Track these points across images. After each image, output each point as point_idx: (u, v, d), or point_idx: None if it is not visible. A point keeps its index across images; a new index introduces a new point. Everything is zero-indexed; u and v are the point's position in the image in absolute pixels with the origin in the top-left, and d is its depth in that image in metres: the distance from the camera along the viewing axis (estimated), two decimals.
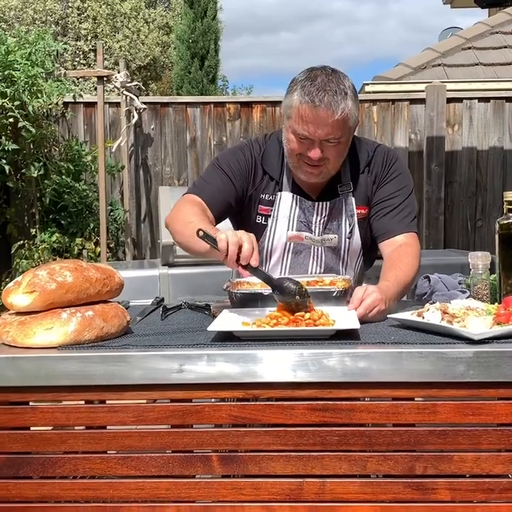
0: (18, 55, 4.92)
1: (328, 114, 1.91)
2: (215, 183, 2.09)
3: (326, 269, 2.12)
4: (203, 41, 10.87)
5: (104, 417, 1.52)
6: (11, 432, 1.53)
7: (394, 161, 2.13)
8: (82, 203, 5.47)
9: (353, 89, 1.98)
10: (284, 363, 1.47)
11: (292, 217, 2.10)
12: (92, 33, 14.15)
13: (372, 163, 2.12)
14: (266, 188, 2.12)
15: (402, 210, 2.08)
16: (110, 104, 5.86)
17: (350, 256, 2.13)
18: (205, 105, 5.95)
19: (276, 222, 2.11)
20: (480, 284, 1.85)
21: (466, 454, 1.48)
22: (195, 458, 1.52)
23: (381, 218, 2.08)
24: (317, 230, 2.10)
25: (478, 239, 5.98)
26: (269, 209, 2.12)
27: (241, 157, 2.12)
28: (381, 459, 1.49)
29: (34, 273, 1.59)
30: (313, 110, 1.91)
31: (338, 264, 2.13)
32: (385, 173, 2.11)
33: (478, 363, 1.44)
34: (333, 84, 1.92)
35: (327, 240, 2.10)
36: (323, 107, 1.90)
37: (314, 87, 1.91)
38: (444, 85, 6.01)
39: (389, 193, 2.09)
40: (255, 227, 2.11)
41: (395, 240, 2.05)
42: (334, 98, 1.90)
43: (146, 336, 1.65)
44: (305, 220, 2.10)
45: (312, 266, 2.12)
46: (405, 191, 2.11)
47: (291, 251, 2.12)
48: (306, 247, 2.11)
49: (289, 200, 2.11)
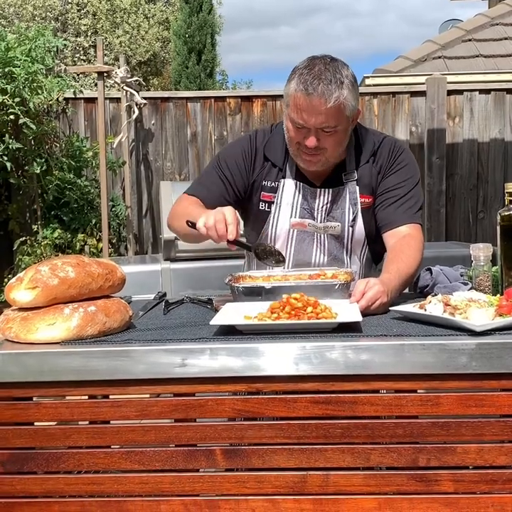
0: (18, 51, 4.91)
1: (321, 103, 1.91)
2: (211, 183, 2.14)
3: (329, 257, 2.12)
4: (199, 36, 10.85)
5: (107, 412, 1.53)
6: (15, 428, 1.53)
7: (400, 152, 2.13)
8: (83, 199, 5.47)
9: (352, 79, 1.98)
10: (287, 356, 1.47)
11: (295, 204, 2.11)
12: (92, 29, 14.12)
13: (378, 154, 2.12)
14: (268, 175, 2.13)
15: (407, 201, 2.08)
16: (111, 100, 5.85)
17: (354, 245, 2.13)
18: (206, 100, 5.94)
19: (280, 209, 2.12)
20: (482, 276, 1.85)
21: (469, 445, 1.48)
22: (199, 452, 1.52)
23: (385, 209, 2.08)
24: (319, 216, 2.10)
25: (479, 231, 5.97)
26: (271, 195, 2.13)
27: (238, 151, 2.15)
28: (384, 451, 1.49)
29: (36, 269, 1.59)
30: (306, 98, 1.92)
31: (342, 253, 2.13)
32: (390, 164, 2.11)
33: (480, 355, 1.44)
34: (329, 73, 1.93)
35: (330, 228, 2.10)
36: (316, 96, 1.91)
37: (310, 76, 1.93)
38: (444, 77, 5.99)
39: (394, 183, 2.09)
40: (259, 213, 2.15)
41: (398, 230, 2.05)
42: (328, 87, 1.91)
43: (149, 331, 1.65)
44: (308, 207, 2.11)
45: (316, 253, 2.12)
46: (411, 182, 2.11)
47: (294, 238, 2.12)
48: (310, 235, 2.12)
49: (292, 188, 2.12)
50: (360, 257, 2.16)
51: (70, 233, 5.38)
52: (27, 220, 5.58)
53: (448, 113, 5.89)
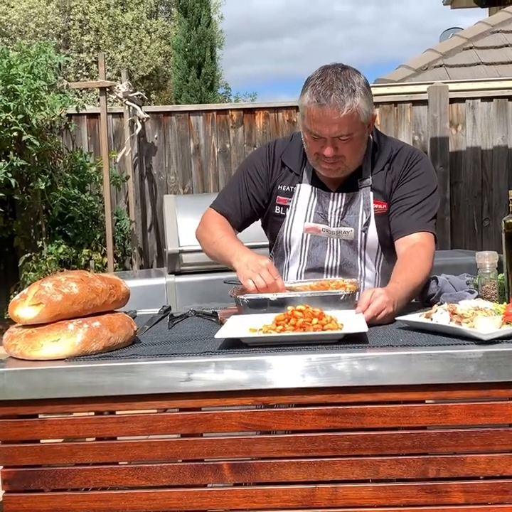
0: (21, 68, 4.95)
1: (334, 113, 1.94)
2: (234, 196, 2.20)
3: (342, 263, 2.11)
4: (198, 49, 10.91)
5: (113, 428, 1.52)
6: (20, 446, 1.53)
7: (417, 160, 2.13)
8: (88, 214, 5.49)
9: (364, 85, 2.00)
10: (293, 368, 1.46)
11: (310, 208, 2.13)
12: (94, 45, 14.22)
13: (394, 161, 2.12)
14: (284, 179, 2.17)
15: (420, 209, 2.07)
16: (113, 115, 5.88)
17: (368, 251, 2.12)
18: (208, 113, 5.96)
19: (295, 213, 2.14)
20: (488, 284, 1.84)
21: (479, 455, 1.47)
22: (206, 467, 1.51)
23: (398, 216, 2.08)
24: (333, 220, 2.11)
25: (485, 239, 5.96)
26: (286, 200, 2.16)
27: (258, 160, 2.21)
28: (393, 463, 1.47)
29: (40, 285, 1.59)
30: (319, 110, 1.95)
31: (356, 259, 2.12)
32: (405, 172, 2.11)
33: (488, 364, 1.43)
34: (341, 83, 1.96)
35: (343, 233, 2.10)
36: (328, 106, 1.94)
37: (322, 87, 1.96)
38: (446, 86, 6.00)
39: (408, 191, 2.09)
40: (274, 217, 2.18)
41: (409, 238, 2.04)
42: (341, 97, 1.94)
43: (154, 345, 1.64)
44: (321, 212, 2.12)
45: (329, 259, 2.11)
46: (426, 191, 2.10)
47: (308, 243, 2.13)
48: (323, 240, 2.12)
49: (308, 192, 2.14)
50: (376, 265, 2.14)
51: (74, 248, 5.39)
52: (32, 236, 5.60)
53: (450, 121, 5.89)
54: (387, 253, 2.14)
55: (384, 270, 2.15)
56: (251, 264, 1.92)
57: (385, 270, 2.15)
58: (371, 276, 2.14)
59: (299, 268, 2.14)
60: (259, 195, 2.18)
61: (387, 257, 2.14)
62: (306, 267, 2.14)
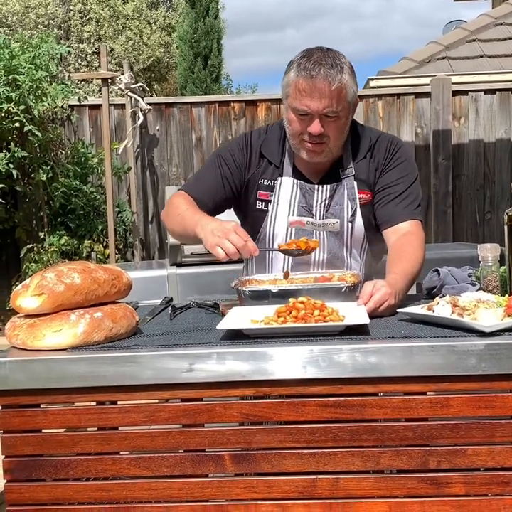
0: (22, 59, 4.93)
1: (325, 85, 1.92)
2: (207, 181, 2.14)
3: (329, 255, 2.10)
4: (205, 41, 10.88)
5: (115, 418, 1.52)
6: (22, 435, 1.53)
7: (398, 148, 2.12)
8: (89, 206, 5.49)
9: (350, 66, 2.00)
10: (295, 359, 1.46)
11: (293, 202, 2.10)
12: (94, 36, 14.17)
13: (375, 150, 2.11)
14: (264, 173, 2.12)
15: (406, 198, 2.07)
16: (115, 106, 5.87)
17: (354, 242, 2.11)
18: (210, 104, 5.95)
19: (277, 207, 2.10)
20: (490, 277, 1.84)
21: (480, 447, 1.47)
22: (208, 457, 1.51)
23: (385, 205, 2.07)
24: (318, 213, 2.09)
25: (487, 231, 5.95)
26: (268, 194, 2.12)
27: (235, 148, 2.15)
28: (394, 454, 1.48)
29: (42, 275, 1.59)
30: (310, 82, 1.93)
31: (342, 250, 2.11)
32: (388, 160, 2.10)
33: (489, 356, 1.43)
34: (329, 59, 1.96)
35: (329, 225, 2.08)
36: (319, 78, 1.92)
37: (310, 62, 1.94)
38: (449, 78, 5.98)
39: (392, 179, 2.08)
40: (256, 212, 2.13)
41: (398, 227, 2.03)
42: (330, 71, 1.93)
43: (156, 336, 1.65)
44: (306, 205, 2.10)
45: (315, 252, 2.09)
46: (409, 178, 2.10)
47: (293, 237, 2.09)
48: (308, 233, 2.09)
49: (290, 185, 2.10)
50: (361, 255, 2.14)
51: (76, 240, 5.39)
52: (33, 228, 5.60)
53: (453, 114, 5.88)
54: (371, 243, 2.14)
55: (368, 259, 2.16)
56: (216, 230, 1.82)
57: (368, 259, 2.16)
58: (356, 266, 2.13)
59: (284, 262, 2.11)
60: (233, 182, 2.12)
61: (371, 246, 2.15)
62: (292, 262, 2.10)
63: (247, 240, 1.79)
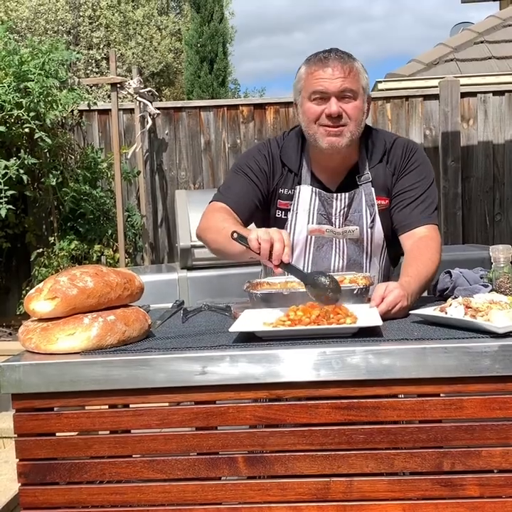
0: (32, 65, 4.95)
1: (338, 64, 1.99)
2: (238, 187, 2.12)
3: (349, 263, 2.10)
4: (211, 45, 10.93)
5: (128, 421, 1.53)
6: (36, 439, 1.54)
7: (414, 152, 2.11)
8: (99, 210, 5.50)
9: (361, 63, 2.06)
10: (307, 361, 1.46)
11: (312, 210, 2.10)
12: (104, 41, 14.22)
13: (391, 154, 2.11)
14: (285, 183, 2.13)
15: (423, 202, 2.06)
16: (124, 111, 5.89)
17: (374, 248, 2.11)
18: (219, 108, 5.96)
19: (296, 216, 2.11)
20: (502, 278, 1.83)
21: (494, 448, 1.47)
22: (221, 460, 1.51)
23: (401, 210, 2.07)
24: (337, 221, 2.09)
25: (497, 233, 5.93)
26: (288, 203, 2.12)
27: (259, 157, 2.14)
28: (408, 457, 1.47)
29: (55, 279, 1.60)
30: (322, 65, 2.00)
31: (362, 257, 2.11)
32: (404, 164, 2.10)
33: (503, 357, 1.43)
34: (339, 51, 2.04)
35: (349, 232, 2.08)
36: (332, 61, 2.00)
37: (320, 53, 2.03)
38: (457, 80, 5.97)
39: (409, 184, 2.08)
40: (276, 221, 2.13)
41: (415, 232, 2.03)
42: (341, 55, 2.02)
43: (168, 339, 1.65)
44: (325, 213, 2.09)
45: (335, 259, 2.10)
46: (425, 182, 2.09)
47: (312, 245, 2.11)
48: (328, 241, 2.10)
49: (308, 193, 2.11)
50: (380, 261, 2.14)
51: (86, 244, 5.41)
52: (43, 232, 5.62)
53: (462, 115, 5.86)
54: (390, 248, 2.14)
55: (387, 265, 2.16)
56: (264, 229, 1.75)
57: (387, 265, 2.16)
58: (375, 272, 2.13)
59: (303, 267, 2.11)
60: (261, 189, 2.11)
61: (390, 252, 2.15)
62: (312, 270, 2.09)
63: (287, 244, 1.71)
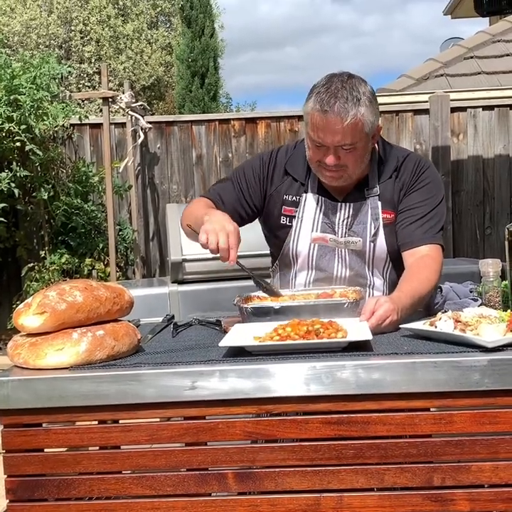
0: (23, 79, 4.96)
1: (337, 121, 1.92)
2: (227, 193, 2.16)
3: (351, 273, 2.10)
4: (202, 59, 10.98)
5: (117, 437, 1.52)
6: (25, 455, 1.52)
7: (425, 169, 2.11)
8: (90, 224, 5.49)
9: (369, 95, 1.98)
10: (297, 376, 1.46)
11: (317, 218, 2.11)
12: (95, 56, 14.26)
13: (401, 170, 2.11)
14: (289, 189, 2.15)
15: (429, 221, 2.05)
16: (116, 125, 5.89)
17: (376, 261, 2.10)
18: (210, 123, 5.97)
19: (301, 223, 2.12)
20: (492, 292, 1.84)
21: (484, 463, 1.46)
22: (211, 476, 1.50)
23: (406, 227, 2.06)
24: (340, 231, 2.10)
25: (487, 247, 5.95)
26: (293, 210, 2.13)
27: (257, 162, 2.19)
28: (398, 472, 1.47)
29: (44, 294, 1.59)
30: (323, 117, 1.94)
31: (364, 269, 2.11)
32: (413, 181, 2.09)
33: (493, 371, 1.43)
34: (346, 91, 1.94)
35: (351, 243, 2.09)
36: (332, 114, 1.92)
37: (327, 95, 1.93)
38: (447, 95, 6.01)
39: (416, 201, 2.07)
40: (280, 227, 2.16)
41: (418, 250, 2.02)
42: (345, 105, 1.92)
43: (158, 354, 1.64)
44: (329, 221, 2.10)
45: (338, 268, 2.10)
46: (434, 201, 2.08)
47: (315, 253, 2.11)
48: (331, 250, 2.10)
49: (314, 202, 2.12)
50: (383, 273, 2.13)
51: (77, 258, 5.39)
52: (34, 246, 5.60)
53: (452, 130, 5.90)
54: (394, 262, 2.13)
55: (392, 279, 2.14)
56: (218, 222, 1.86)
57: (392, 278, 2.14)
58: (380, 284, 2.13)
59: (306, 277, 2.13)
60: (250, 197, 2.15)
61: (395, 266, 2.13)
62: (314, 277, 2.13)
63: (232, 247, 1.81)
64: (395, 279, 2.08)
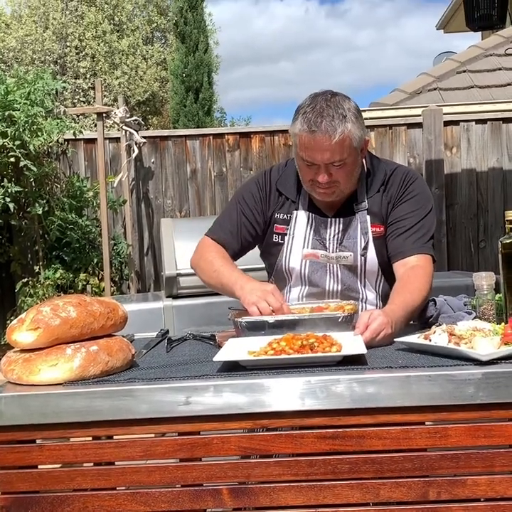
0: (18, 94, 4.97)
1: (325, 139, 1.95)
2: (231, 223, 2.19)
3: (344, 288, 2.12)
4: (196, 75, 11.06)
5: (111, 453, 1.51)
6: (18, 472, 1.51)
7: (412, 181, 2.13)
8: (85, 239, 5.48)
9: (354, 110, 2.01)
10: (292, 391, 1.46)
11: (307, 235, 2.13)
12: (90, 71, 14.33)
13: (389, 183, 2.13)
14: (281, 208, 2.17)
15: (417, 231, 2.07)
16: (110, 140, 5.90)
17: (368, 275, 2.12)
18: (204, 137, 5.99)
19: (292, 240, 2.14)
20: (485, 305, 1.84)
21: (480, 477, 1.46)
22: (205, 491, 1.49)
23: (395, 238, 2.08)
24: (331, 246, 2.11)
25: (481, 260, 5.97)
26: (284, 228, 2.16)
27: (255, 188, 2.20)
28: (394, 486, 1.46)
29: (38, 309, 1.59)
30: (311, 137, 1.96)
31: (356, 283, 2.12)
32: (401, 193, 2.11)
33: (487, 384, 1.43)
34: (331, 109, 1.97)
35: (342, 258, 2.10)
36: (319, 133, 1.95)
37: (313, 114, 1.96)
38: (440, 109, 6.04)
39: (404, 212, 2.09)
40: (272, 245, 2.18)
41: (407, 260, 2.04)
42: (332, 123, 1.95)
43: (152, 369, 1.64)
44: (319, 238, 2.12)
45: (329, 283, 2.12)
46: (422, 212, 2.10)
47: (307, 269, 2.13)
48: (322, 266, 2.12)
49: (305, 219, 2.14)
50: (376, 287, 2.15)
51: (71, 273, 5.38)
52: (29, 262, 5.59)
53: (445, 144, 5.93)
54: (387, 275, 2.14)
55: (384, 291, 2.15)
56: (255, 290, 1.91)
57: (385, 291, 2.15)
58: (372, 298, 2.14)
59: (300, 292, 2.15)
60: (256, 223, 2.18)
61: (387, 278, 2.14)
62: (307, 292, 2.14)
63: (282, 302, 1.88)
64: (388, 291, 2.09)
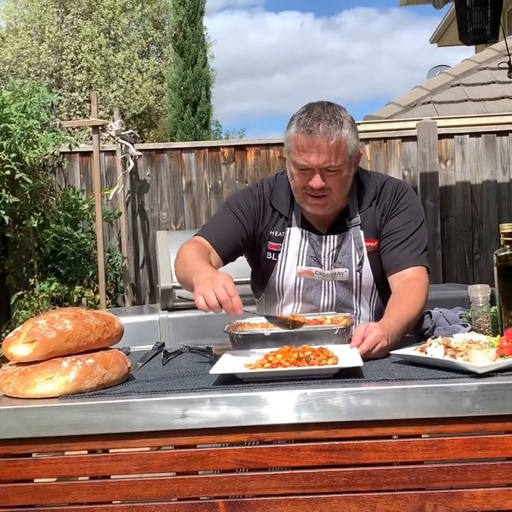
0: (14, 107, 4.98)
1: (323, 141, 1.94)
2: (224, 225, 2.14)
3: (338, 304, 2.11)
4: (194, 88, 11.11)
5: (107, 467, 1.50)
6: (14, 485, 1.50)
7: (403, 193, 2.13)
8: (80, 251, 5.48)
9: (351, 120, 2.01)
10: (288, 403, 1.46)
11: (302, 252, 2.11)
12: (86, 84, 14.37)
13: (381, 196, 2.12)
14: (275, 225, 2.15)
15: (411, 243, 2.07)
16: (106, 153, 5.91)
17: (363, 290, 2.11)
18: (200, 150, 6.01)
19: (286, 257, 2.12)
20: (481, 317, 1.85)
21: (476, 490, 1.46)
22: (202, 505, 1.49)
23: (390, 251, 2.08)
24: (326, 263, 2.10)
25: (476, 272, 5.98)
26: (278, 245, 2.14)
27: (250, 198, 2.16)
28: (390, 499, 1.46)
29: (34, 322, 1.59)
30: (308, 139, 1.95)
31: (351, 299, 2.12)
32: (393, 205, 2.11)
33: (483, 397, 1.43)
34: (329, 114, 1.97)
35: (338, 274, 2.09)
36: (317, 135, 1.94)
37: (310, 118, 1.96)
38: (434, 122, 6.08)
39: (397, 225, 2.09)
40: (266, 262, 2.15)
41: (403, 273, 2.04)
42: (329, 126, 1.95)
43: (148, 382, 1.64)
44: (314, 255, 2.11)
45: (324, 301, 2.11)
46: (415, 224, 2.11)
47: (302, 286, 2.12)
48: (317, 283, 2.11)
49: (298, 236, 2.12)
50: (370, 303, 2.14)
51: (67, 286, 5.37)
52: (24, 274, 5.58)
53: (440, 156, 5.96)
54: (381, 289, 2.13)
55: (377, 306, 2.15)
56: (206, 279, 1.74)
57: (378, 306, 2.15)
58: (366, 314, 2.14)
59: (293, 310, 2.14)
60: (248, 230, 2.13)
61: (381, 293, 2.14)
62: (301, 309, 2.13)
63: (233, 295, 1.68)
64: (381, 307, 2.09)
